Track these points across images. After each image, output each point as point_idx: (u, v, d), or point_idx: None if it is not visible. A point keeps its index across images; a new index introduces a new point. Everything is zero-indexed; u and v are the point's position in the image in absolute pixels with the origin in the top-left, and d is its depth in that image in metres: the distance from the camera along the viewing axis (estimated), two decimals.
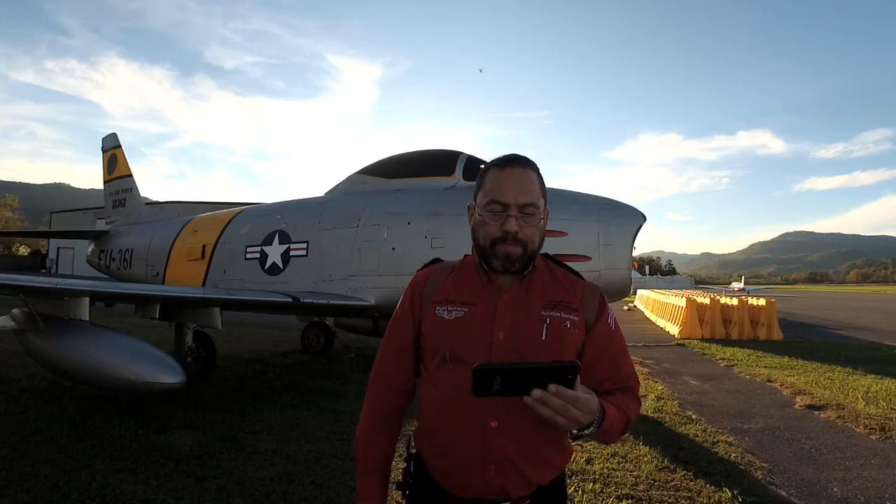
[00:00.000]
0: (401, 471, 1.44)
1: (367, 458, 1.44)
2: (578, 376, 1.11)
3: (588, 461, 4.04)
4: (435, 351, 1.35)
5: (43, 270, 39.66)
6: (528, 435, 1.16)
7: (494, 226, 1.32)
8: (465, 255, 1.47)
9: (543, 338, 1.31)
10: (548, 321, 1.33)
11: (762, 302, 13.94)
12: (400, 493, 1.42)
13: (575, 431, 1.19)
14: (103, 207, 12.73)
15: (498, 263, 1.34)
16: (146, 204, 11.67)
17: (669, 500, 3.46)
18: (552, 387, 1.07)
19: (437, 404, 1.32)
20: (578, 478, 3.73)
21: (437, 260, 1.52)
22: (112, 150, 12.17)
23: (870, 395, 6.58)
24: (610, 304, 1.46)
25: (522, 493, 1.29)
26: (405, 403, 1.49)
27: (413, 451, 1.43)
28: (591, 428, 1.19)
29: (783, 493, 3.68)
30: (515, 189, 1.32)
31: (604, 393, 1.33)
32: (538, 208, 1.34)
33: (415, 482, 1.39)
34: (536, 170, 1.39)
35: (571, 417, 1.10)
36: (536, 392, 1.08)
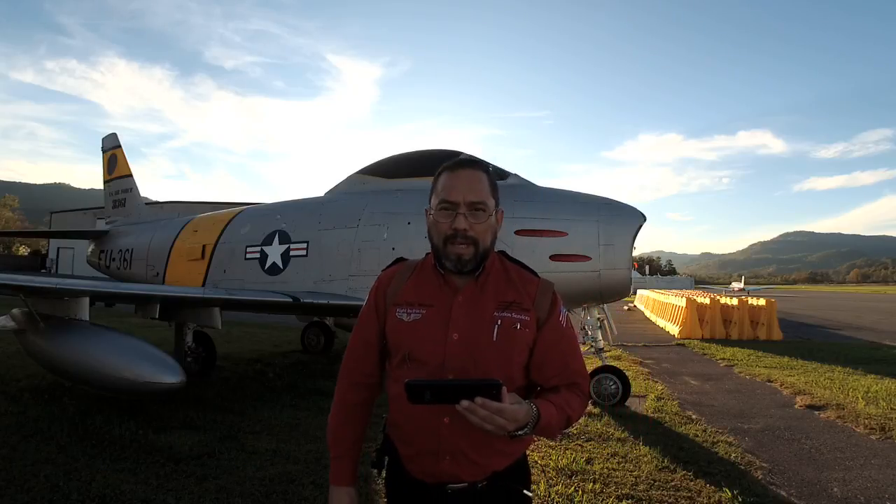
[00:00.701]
0: (374, 451, 1.53)
1: (337, 446, 1.54)
2: (504, 390, 1.19)
3: (588, 461, 4.05)
4: (396, 350, 1.44)
5: (43, 270, 39.67)
6: (478, 429, 1.22)
7: (445, 224, 1.39)
8: (427, 254, 1.53)
9: (494, 338, 1.38)
10: (499, 322, 1.39)
11: (762, 302, 13.94)
12: (375, 470, 1.52)
13: (512, 432, 1.25)
14: (103, 207, 12.73)
15: (450, 264, 1.41)
16: (146, 204, 11.67)
17: (669, 500, 3.46)
18: (478, 399, 1.17)
19: (399, 400, 1.38)
20: (578, 478, 3.73)
21: (400, 259, 1.60)
22: (112, 150, 12.17)
23: (870, 395, 6.58)
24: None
25: (477, 477, 1.38)
26: (372, 395, 1.58)
27: (387, 433, 1.52)
28: (526, 429, 1.26)
29: (783, 493, 3.68)
30: (464, 189, 1.39)
31: (550, 389, 1.44)
32: (487, 206, 1.40)
33: (389, 463, 1.49)
34: (487, 170, 1.45)
35: (497, 426, 1.19)
36: (464, 402, 1.17)
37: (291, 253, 6.98)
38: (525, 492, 1.44)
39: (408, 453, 1.42)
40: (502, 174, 6.10)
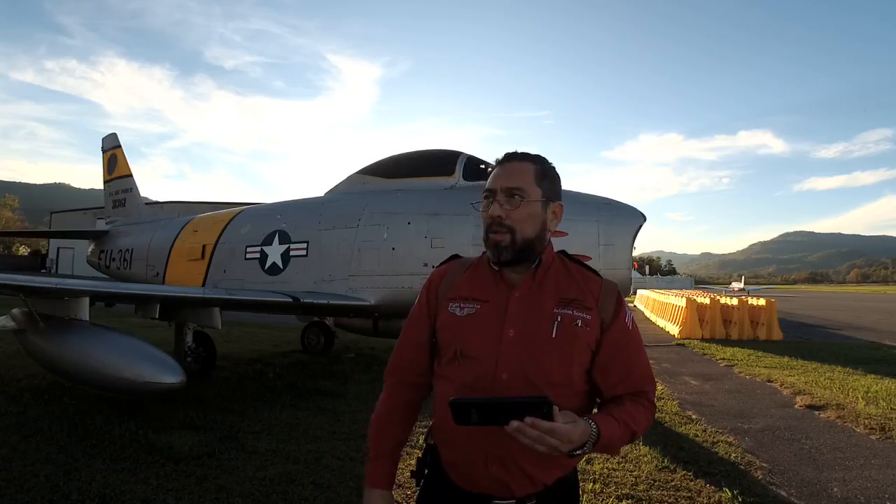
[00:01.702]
0: (416, 460, 1.48)
1: (378, 445, 1.48)
2: (556, 408, 1.12)
3: (588, 461, 4.04)
4: (447, 346, 1.36)
5: (43, 270, 39.66)
6: None
7: (486, 213, 1.36)
8: (483, 252, 1.47)
9: (553, 335, 1.30)
10: (559, 319, 1.32)
11: (762, 302, 13.93)
12: (414, 481, 1.45)
13: (572, 451, 1.18)
14: (103, 207, 12.73)
15: (490, 254, 1.36)
16: (146, 204, 11.67)
17: (669, 500, 3.46)
18: (528, 419, 1.10)
19: (447, 399, 1.32)
20: (578, 478, 3.73)
21: (455, 256, 1.54)
22: (112, 150, 12.17)
23: (870, 395, 6.58)
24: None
25: (527, 491, 1.29)
26: (420, 396, 1.51)
27: (430, 442, 1.45)
28: (585, 447, 1.18)
29: (783, 493, 3.68)
30: (503, 177, 1.36)
31: (613, 400, 1.34)
32: (525, 192, 1.33)
33: (429, 472, 1.42)
34: (537, 162, 1.39)
35: (550, 446, 1.11)
36: (513, 423, 1.10)
37: (291, 253, 6.98)
38: None
39: (452, 458, 1.35)
40: None
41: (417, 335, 1.46)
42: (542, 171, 1.39)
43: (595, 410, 1.38)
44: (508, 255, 1.34)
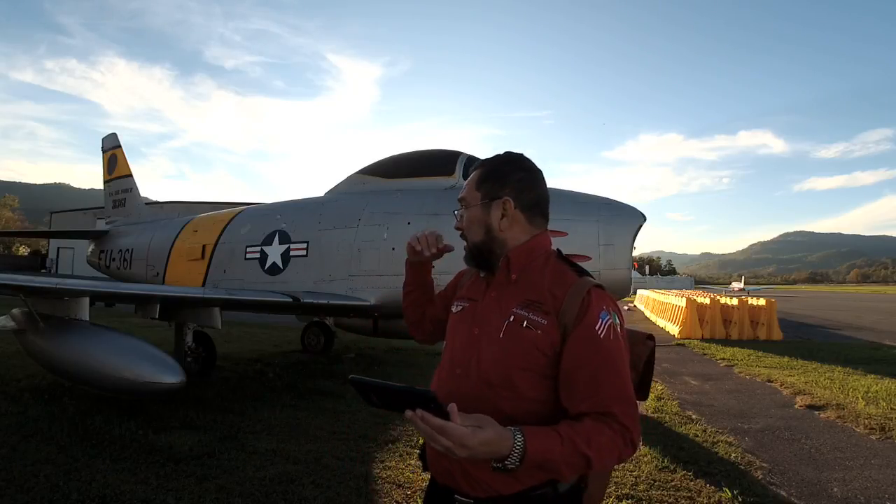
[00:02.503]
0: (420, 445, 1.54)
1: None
2: (452, 407, 1.05)
3: None
4: (445, 339, 1.50)
5: (43, 270, 39.65)
6: None
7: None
8: None
9: (501, 335, 1.29)
10: (511, 318, 1.29)
11: (762, 302, 13.94)
12: (421, 462, 1.45)
13: (494, 463, 1.09)
14: (103, 207, 12.72)
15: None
16: (146, 204, 11.66)
17: (669, 500, 3.46)
18: (418, 411, 1.04)
19: (435, 385, 1.42)
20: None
21: None
22: (112, 150, 12.17)
23: (870, 395, 6.58)
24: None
25: (478, 494, 1.22)
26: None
27: None
28: (508, 461, 1.07)
29: (783, 493, 3.68)
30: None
31: (575, 417, 1.19)
32: (466, 200, 1.44)
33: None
34: (486, 164, 1.44)
35: (443, 447, 1.04)
36: (408, 412, 1.06)
37: (291, 253, 6.97)
38: None
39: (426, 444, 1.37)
40: None
41: (442, 293, 1.65)
42: (486, 172, 1.42)
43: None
44: (470, 262, 1.45)
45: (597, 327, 1.21)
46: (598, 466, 1.13)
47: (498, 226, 1.37)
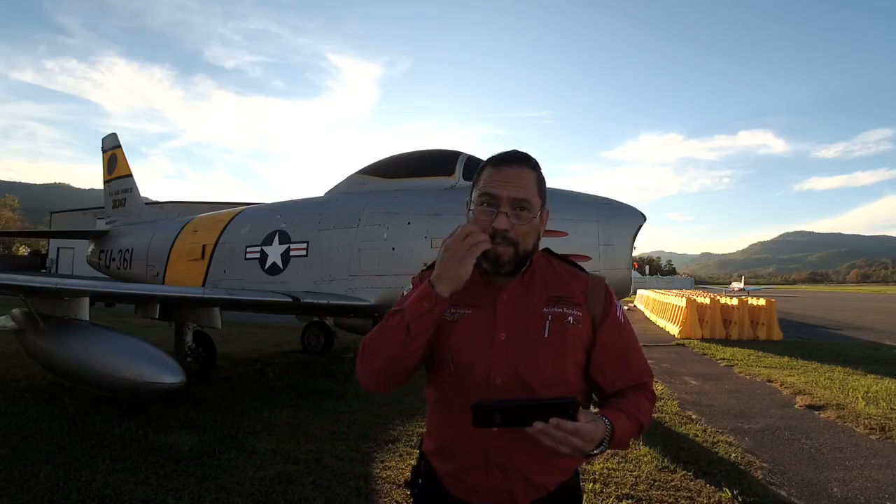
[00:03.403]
0: (410, 470, 1.44)
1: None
2: (580, 408, 1.10)
3: (588, 461, 4.05)
4: (440, 353, 1.32)
5: (43, 270, 39.66)
6: (533, 438, 1.10)
7: (485, 222, 1.27)
8: None
9: (546, 335, 1.28)
10: (550, 317, 1.29)
11: (762, 302, 13.93)
12: (409, 490, 1.42)
13: (592, 450, 1.16)
14: (103, 207, 12.73)
15: (487, 264, 1.29)
16: (146, 204, 11.67)
17: (669, 500, 3.46)
18: (553, 420, 1.08)
19: (442, 407, 1.31)
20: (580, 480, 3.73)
21: None
22: (112, 150, 12.17)
23: (870, 395, 6.57)
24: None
25: (531, 497, 1.26)
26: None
27: (423, 450, 1.42)
28: (602, 446, 1.17)
29: (783, 493, 3.68)
30: (509, 184, 1.28)
31: (615, 395, 1.33)
32: (532, 206, 1.28)
33: (423, 483, 1.38)
34: (536, 168, 1.34)
35: (574, 447, 1.09)
36: (538, 424, 1.08)
37: (291, 253, 6.98)
38: None
39: (448, 468, 1.31)
40: None
41: None
42: (540, 178, 1.35)
43: (592, 408, 1.35)
44: (510, 268, 1.30)
45: (618, 315, 1.36)
46: (645, 430, 1.31)
47: (541, 235, 1.36)
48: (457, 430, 1.25)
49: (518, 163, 1.32)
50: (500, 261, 1.28)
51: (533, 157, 1.35)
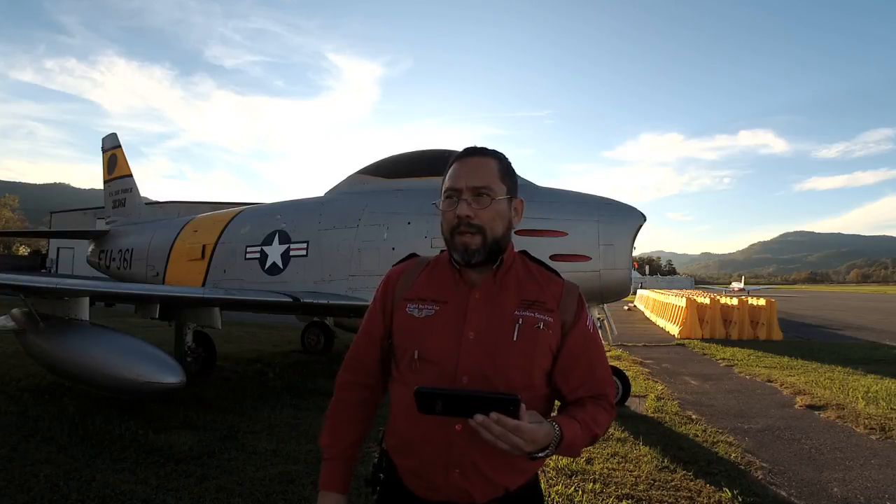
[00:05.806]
0: (371, 466, 1.42)
1: (331, 446, 1.43)
2: (522, 406, 1.10)
3: (588, 461, 4.04)
4: (405, 350, 1.32)
5: (43, 270, 39.66)
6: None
7: (450, 213, 1.29)
8: (442, 250, 1.42)
9: (515, 338, 1.27)
10: (520, 321, 1.28)
11: (762, 302, 13.94)
12: (370, 488, 1.40)
13: (535, 453, 1.16)
14: (103, 207, 12.72)
15: (457, 255, 1.30)
16: (146, 204, 11.67)
17: (669, 500, 3.46)
18: (493, 415, 1.07)
19: (405, 404, 1.27)
20: (578, 478, 3.73)
21: (413, 255, 1.50)
22: (112, 150, 12.17)
23: (870, 395, 6.58)
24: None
25: (489, 496, 1.26)
26: (374, 396, 1.47)
27: (384, 447, 1.40)
28: (548, 449, 1.16)
29: (783, 493, 3.68)
30: (469, 174, 1.30)
31: (574, 402, 1.33)
32: (492, 190, 1.29)
33: (384, 480, 1.37)
34: (498, 158, 1.36)
35: (513, 445, 1.08)
36: (479, 417, 1.08)
37: (291, 253, 6.98)
38: None
39: (410, 465, 1.31)
40: None
41: (372, 333, 1.43)
42: (504, 167, 1.36)
43: (554, 413, 1.34)
44: (480, 257, 1.29)
45: (588, 324, 1.36)
46: (598, 440, 1.30)
47: (513, 224, 1.36)
48: (420, 427, 1.25)
49: (479, 153, 1.35)
50: (468, 249, 1.28)
51: (498, 150, 1.38)
